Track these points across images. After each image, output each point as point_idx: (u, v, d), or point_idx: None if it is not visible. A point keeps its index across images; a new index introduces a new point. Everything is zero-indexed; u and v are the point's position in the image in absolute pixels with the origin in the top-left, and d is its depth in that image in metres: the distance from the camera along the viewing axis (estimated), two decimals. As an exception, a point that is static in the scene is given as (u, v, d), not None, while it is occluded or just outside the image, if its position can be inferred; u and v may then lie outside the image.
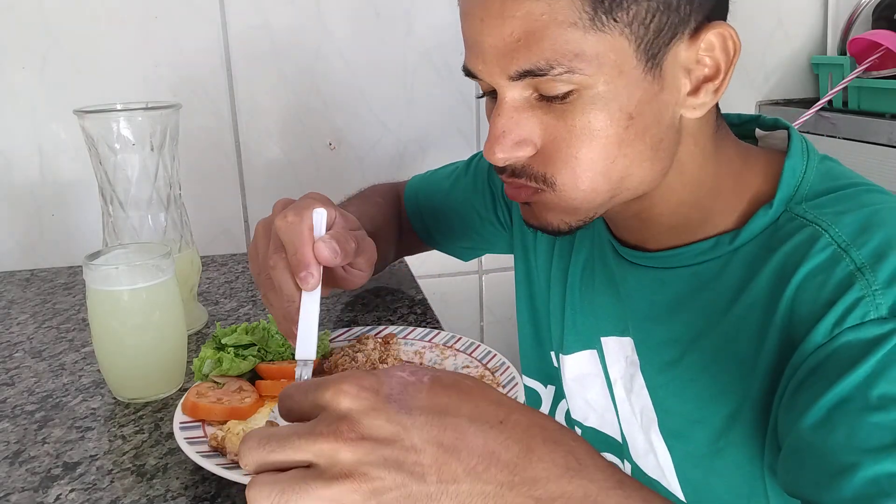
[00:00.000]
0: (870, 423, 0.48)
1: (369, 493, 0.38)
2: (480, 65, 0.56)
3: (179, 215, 0.94)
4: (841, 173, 0.62)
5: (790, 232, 0.58)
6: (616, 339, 0.71)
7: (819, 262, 0.55)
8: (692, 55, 0.56)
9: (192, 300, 0.97)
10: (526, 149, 0.57)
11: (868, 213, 0.56)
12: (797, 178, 0.60)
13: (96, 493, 0.61)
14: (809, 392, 0.52)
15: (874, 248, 0.53)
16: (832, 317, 0.52)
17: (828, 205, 0.58)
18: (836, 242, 0.55)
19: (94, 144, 0.87)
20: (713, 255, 0.62)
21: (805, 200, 0.59)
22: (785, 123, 0.68)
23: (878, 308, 0.51)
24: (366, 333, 0.84)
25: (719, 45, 0.56)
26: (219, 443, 0.62)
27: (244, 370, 0.72)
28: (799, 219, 0.58)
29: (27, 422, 0.73)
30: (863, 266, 0.52)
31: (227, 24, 1.29)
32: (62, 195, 1.29)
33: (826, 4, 1.56)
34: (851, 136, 1.36)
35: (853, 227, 0.55)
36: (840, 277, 0.53)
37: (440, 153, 1.43)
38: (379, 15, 1.34)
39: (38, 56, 1.23)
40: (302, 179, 1.38)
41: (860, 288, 0.52)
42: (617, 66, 0.53)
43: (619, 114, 0.54)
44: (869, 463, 0.47)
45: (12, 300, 1.09)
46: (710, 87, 0.57)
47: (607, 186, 0.57)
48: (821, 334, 0.52)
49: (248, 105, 1.33)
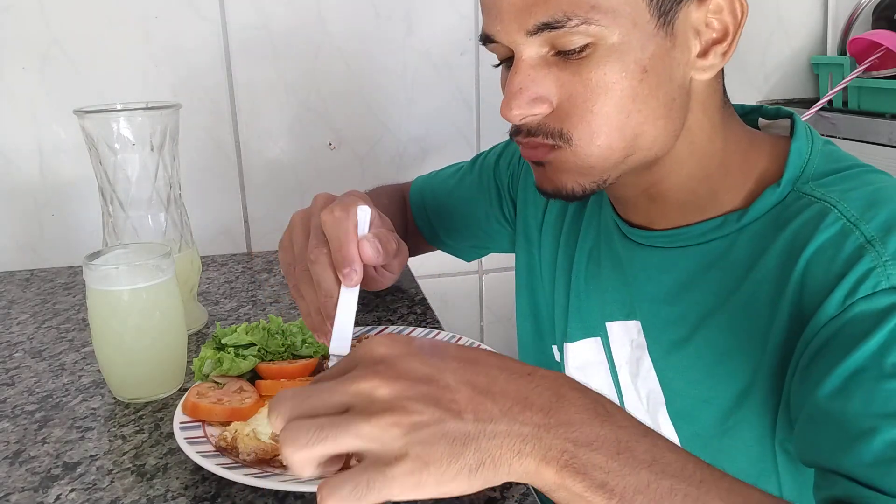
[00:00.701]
0: (886, 390, 0.49)
1: (408, 427, 0.38)
2: (498, 25, 0.58)
3: (179, 215, 0.94)
4: (843, 156, 0.63)
5: (799, 209, 0.59)
6: (621, 324, 0.71)
7: (829, 237, 0.55)
8: (702, 16, 0.58)
9: (192, 300, 0.97)
10: (542, 106, 0.58)
11: (873, 189, 0.57)
12: (803, 160, 0.62)
13: (96, 493, 0.61)
14: (824, 362, 0.52)
15: (883, 221, 0.54)
16: (844, 288, 0.53)
17: (834, 183, 0.59)
18: (844, 217, 0.56)
19: (94, 144, 0.87)
20: (721, 234, 0.63)
21: (812, 180, 0.60)
22: (788, 111, 0.69)
23: (890, 278, 0.52)
24: (366, 333, 0.84)
25: (727, 8, 0.58)
26: (228, 443, 0.62)
27: (244, 370, 0.72)
28: (807, 196, 0.59)
29: (27, 422, 0.73)
30: (872, 239, 0.53)
31: (227, 24, 1.29)
32: (62, 195, 1.29)
33: (826, 4, 1.56)
34: (851, 136, 1.36)
35: (861, 203, 0.56)
36: (850, 250, 0.54)
37: (440, 153, 1.43)
38: (379, 15, 1.34)
39: (38, 56, 1.23)
40: (302, 179, 1.38)
41: (871, 259, 0.53)
42: (631, 19, 0.55)
43: (634, 66, 0.56)
44: (887, 427, 0.47)
45: (12, 300, 1.09)
46: (718, 50, 0.59)
47: (622, 143, 0.58)
48: (833, 306, 0.53)
49: (248, 105, 1.33)
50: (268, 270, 1.22)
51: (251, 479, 0.57)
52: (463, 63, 1.39)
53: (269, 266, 1.24)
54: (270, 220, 1.39)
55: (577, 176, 0.61)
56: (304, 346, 0.77)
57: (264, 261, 1.28)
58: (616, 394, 0.73)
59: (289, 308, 1.03)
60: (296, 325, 0.78)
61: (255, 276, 1.19)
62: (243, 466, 0.59)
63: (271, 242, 1.39)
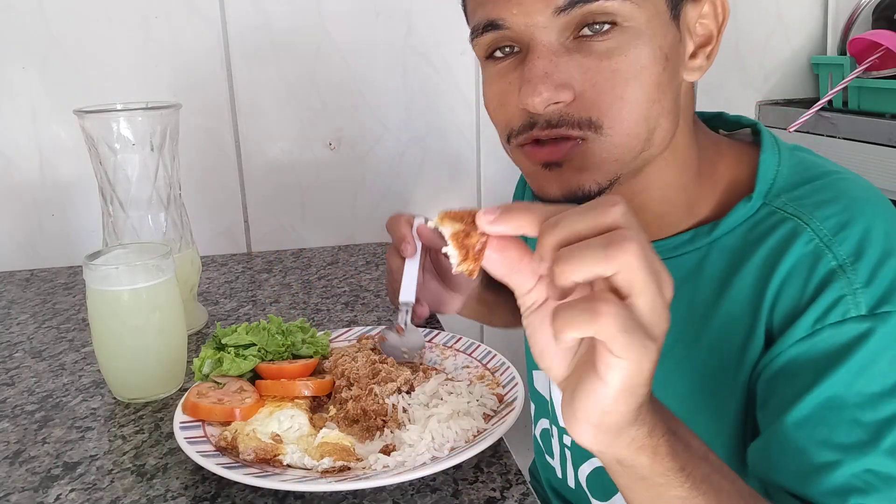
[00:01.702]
0: (849, 421, 0.51)
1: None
2: (515, 7, 0.55)
3: (179, 215, 0.94)
4: (813, 163, 0.63)
5: (772, 225, 0.59)
6: None
7: (801, 257, 0.56)
8: (694, 17, 0.59)
9: (192, 300, 0.97)
10: (566, 93, 0.56)
11: (846, 203, 0.57)
12: (773, 171, 0.62)
13: (96, 493, 0.61)
14: (790, 387, 0.54)
15: (855, 243, 0.55)
16: (813, 313, 0.54)
17: (806, 196, 0.59)
18: (818, 236, 0.56)
19: (94, 144, 0.87)
20: (692, 247, 0.63)
21: (784, 192, 0.60)
22: (749, 120, 0.69)
23: (858, 306, 0.53)
24: (366, 333, 0.84)
25: (712, 12, 0.59)
26: (228, 443, 0.62)
27: (244, 370, 0.72)
28: (779, 212, 0.59)
29: (27, 422, 0.73)
30: (844, 263, 0.54)
31: (227, 24, 1.29)
32: (62, 195, 1.29)
33: (826, 4, 1.56)
34: (851, 136, 1.36)
35: (833, 221, 0.56)
36: (822, 274, 0.54)
37: (440, 153, 1.43)
38: (379, 15, 1.34)
39: (38, 56, 1.23)
40: (302, 179, 1.38)
41: (841, 286, 0.53)
42: (655, 5, 0.55)
43: (659, 52, 0.56)
44: (849, 460, 0.50)
45: (12, 300, 1.09)
46: (703, 52, 0.60)
47: (646, 134, 0.58)
48: (802, 329, 0.54)
49: (248, 105, 1.33)
50: (268, 270, 1.22)
51: (251, 478, 0.57)
52: (463, 63, 1.38)
53: (269, 266, 1.24)
54: (270, 220, 1.39)
55: (597, 173, 0.58)
56: (304, 346, 0.77)
57: (264, 261, 1.28)
58: None
59: (289, 308, 1.03)
60: (296, 325, 0.78)
61: (255, 276, 1.19)
62: (243, 466, 0.59)
63: (271, 242, 1.39)
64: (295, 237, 1.40)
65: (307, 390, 0.70)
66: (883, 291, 0.53)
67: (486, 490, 0.60)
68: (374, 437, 0.65)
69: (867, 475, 0.50)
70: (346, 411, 0.67)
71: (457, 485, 0.61)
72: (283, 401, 0.68)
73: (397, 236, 0.80)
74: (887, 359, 0.52)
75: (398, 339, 0.79)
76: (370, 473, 0.58)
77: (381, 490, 0.60)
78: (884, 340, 0.52)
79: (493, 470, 0.63)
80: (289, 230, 1.40)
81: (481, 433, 0.63)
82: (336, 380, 0.72)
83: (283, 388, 0.69)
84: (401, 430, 0.64)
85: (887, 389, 0.52)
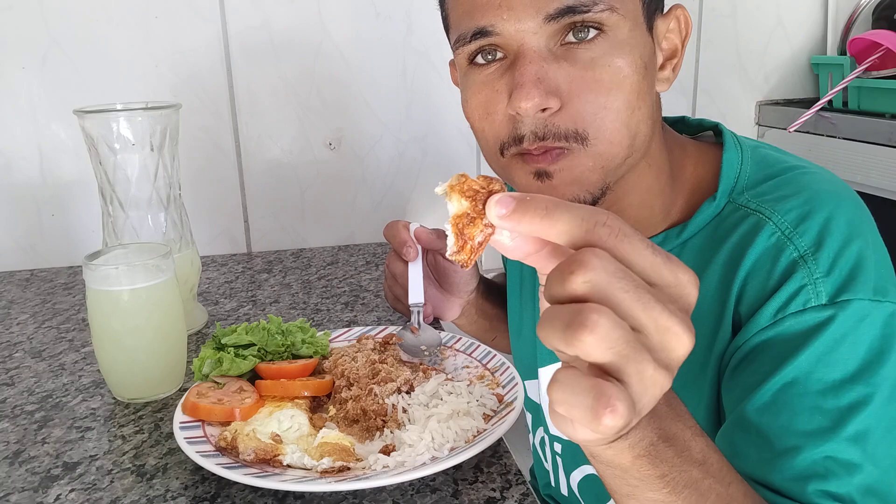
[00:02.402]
0: (811, 408, 0.52)
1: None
2: (505, 14, 0.56)
3: (179, 215, 0.94)
4: (776, 159, 0.64)
5: (736, 222, 0.60)
6: None
7: (764, 250, 0.57)
8: (663, 31, 0.61)
9: (192, 300, 0.97)
10: (555, 99, 0.57)
11: (808, 196, 0.59)
12: (735, 170, 0.63)
13: (96, 493, 0.61)
14: (753, 373, 0.55)
15: (815, 234, 0.56)
16: (775, 302, 0.55)
17: (769, 191, 0.61)
18: (780, 230, 0.57)
19: (94, 144, 0.87)
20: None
21: (747, 189, 0.62)
22: (711, 122, 0.70)
23: (819, 296, 0.54)
24: (366, 333, 0.84)
25: (676, 28, 0.61)
26: (228, 443, 0.62)
27: (244, 370, 0.72)
28: (743, 209, 0.61)
29: (27, 422, 0.73)
30: (805, 254, 0.55)
31: (226, 24, 1.29)
32: (62, 195, 1.29)
33: (826, 4, 1.56)
34: (851, 136, 1.36)
35: (795, 214, 0.57)
36: (784, 265, 0.56)
37: (440, 153, 1.43)
38: (379, 15, 1.34)
39: (38, 56, 1.23)
40: (302, 179, 1.38)
41: (802, 276, 0.55)
42: (634, 17, 0.57)
43: (640, 61, 0.57)
44: (810, 446, 0.51)
45: (12, 300, 1.09)
46: (671, 65, 0.62)
47: (628, 141, 0.59)
48: (765, 318, 0.55)
49: (248, 105, 1.33)
50: (268, 270, 1.22)
51: (251, 478, 0.57)
52: (463, 63, 1.38)
53: (269, 266, 1.24)
54: (270, 220, 1.39)
55: (586, 184, 0.60)
56: (304, 346, 0.77)
57: (264, 261, 1.28)
58: None
59: (289, 308, 1.03)
60: (296, 325, 0.78)
61: (255, 276, 1.19)
62: (243, 466, 0.59)
63: (271, 242, 1.39)
64: (295, 237, 1.40)
65: (307, 390, 0.70)
66: (842, 280, 0.54)
67: (486, 490, 0.60)
68: (373, 437, 0.65)
69: (828, 462, 0.51)
70: (345, 411, 0.67)
71: (457, 485, 0.61)
72: (283, 401, 0.68)
73: (397, 241, 0.81)
74: (847, 346, 0.53)
75: (414, 338, 0.80)
76: (370, 473, 0.58)
77: (381, 490, 0.60)
78: (843, 328, 0.53)
79: (492, 470, 0.63)
80: (289, 230, 1.40)
81: (481, 433, 0.63)
82: (336, 380, 0.72)
83: (283, 388, 0.70)
84: (401, 430, 0.64)
85: (848, 376, 0.53)
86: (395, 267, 0.84)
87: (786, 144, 1.43)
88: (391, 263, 0.85)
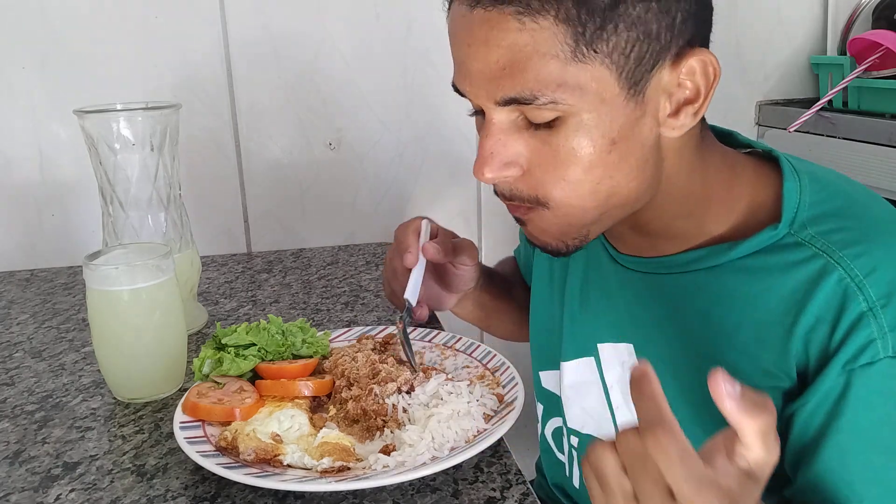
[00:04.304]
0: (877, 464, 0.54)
1: None
2: (468, 86, 0.58)
3: (179, 215, 0.94)
4: (835, 190, 0.63)
5: (799, 259, 0.59)
6: (612, 346, 0.72)
7: (831, 296, 0.56)
8: (674, 79, 0.57)
9: (192, 300, 0.97)
10: (513, 169, 0.58)
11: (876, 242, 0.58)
12: (795, 201, 0.61)
13: (96, 493, 0.61)
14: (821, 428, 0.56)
15: (886, 284, 0.55)
16: (844, 355, 0.55)
17: (834, 231, 0.59)
18: (849, 276, 0.56)
19: (94, 144, 0.87)
20: (709, 264, 0.63)
21: (809, 225, 0.60)
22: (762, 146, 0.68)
23: (886, 348, 0.54)
24: (366, 333, 0.84)
25: (700, 70, 0.57)
26: (228, 443, 0.62)
27: (244, 370, 0.72)
28: (808, 246, 0.59)
29: (27, 422, 0.73)
30: (874, 306, 0.55)
31: (227, 25, 1.29)
32: (62, 195, 1.29)
33: (826, 4, 1.56)
34: (851, 136, 1.36)
35: (864, 262, 0.56)
36: (853, 317, 0.55)
37: (440, 153, 1.43)
38: (379, 15, 1.34)
39: (38, 56, 1.23)
40: (302, 179, 1.38)
41: (872, 329, 0.54)
42: (599, 95, 0.54)
43: (602, 140, 0.56)
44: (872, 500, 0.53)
45: (12, 300, 1.09)
46: (689, 110, 0.58)
47: (595, 203, 0.59)
48: (834, 371, 0.55)
49: (248, 105, 1.33)
50: (268, 270, 1.22)
51: (251, 478, 0.57)
52: (463, 63, 1.38)
53: (269, 266, 1.24)
54: (270, 220, 1.39)
55: (559, 235, 0.62)
56: (304, 346, 0.77)
57: (264, 261, 1.28)
58: (609, 413, 0.73)
59: (289, 308, 1.03)
60: (296, 325, 0.78)
61: (255, 276, 1.19)
62: (243, 466, 0.59)
63: (271, 242, 1.39)
64: (295, 237, 1.40)
65: (307, 390, 0.70)
66: None
67: (486, 490, 0.60)
68: (374, 437, 0.65)
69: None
70: (346, 411, 0.68)
71: (457, 485, 0.61)
72: (283, 401, 0.68)
73: (403, 245, 0.83)
74: None
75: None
76: (370, 473, 0.58)
77: (381, 490, 0.60)
78: None
79: (493, 470, 0.63)
80: (289, 230, 1.40)
81: (481, 433, 0.63)
82: (336, 380, 0.72)
83: (283, 388, 0.70)
84: (401, 430, 0.64)
85: None
86: (396, 263, 0.85)
87: (786, 144, 1.43)
88: (393, 259, 0.86)
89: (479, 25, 0.54)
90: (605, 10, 0.52)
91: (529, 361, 0.87)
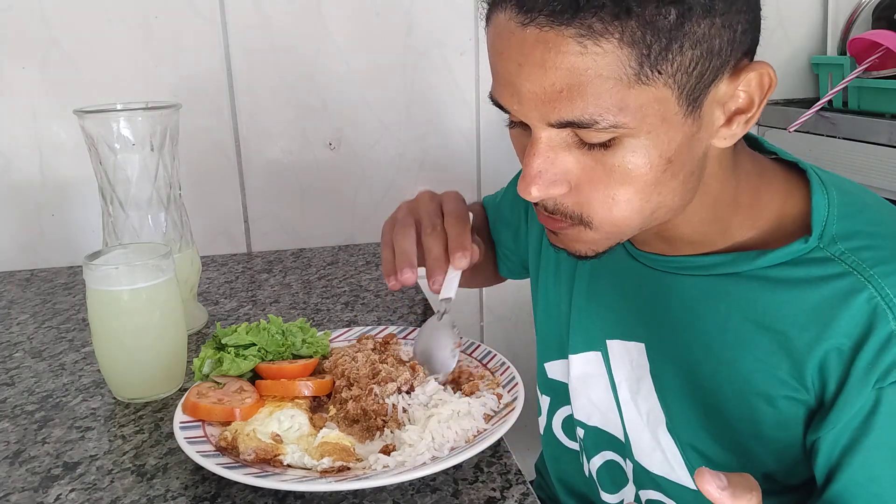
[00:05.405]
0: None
1: None
2: (516, 105, 0.55)
3: (179, 215, 0.94)
4: (861, 203, 0.62)
5: (828, 275, 0.58)
6: (621, 343, 0.71)
7: (859, 314, 0.56)
8: (730, 91, 0.55)
9: (192, 300, 0.97)
10: (561, 187, 0.56)
11: None
12: (823, 215, 0.61)
13: (96, 493, 0.61)
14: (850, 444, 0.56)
15: None
16: (874, 375, 0.55)
17: (865, 249, 0.58)
18: (879, 295, 0.56)
19: (94, 144, 0.87)
20: (732, 270, 0.63)
21: (839, 240, 0.59)
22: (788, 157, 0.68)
23: None
24: (366, 333, 0.84)
25: (756, 81, 0.56)
26: (228, 443, 0.62)
27: (244, 370, 0.72)
28: (837, 261, 0.58)
29: (27, 422, 0.73)
30: None
31: (226, 25, 1.29)
32: (62, 195, 1.29)
33: (826, 4, 1.56)
34: (851, 136, 1.36)
35: (894, 283, 0.56)
36: (883, 337, 0.55)
37: (440, 153, 1.43)
38: (379, 15, 1.34)
39: (38, 56, 1.23)
40: (302, 179, 1.38)
41: None
42: (660, 115, 0.53)
43: (659, 160, 0.54)
44: None
45: (12, 300, 1.09)
46: (741, 119, 0.57)
47: (639, 219, 0.58)
48: (866, 390, 0.55)
49: (248, 105, 1.33)
50: (268, 270, 1.22)
51: (251, 478, 0.57)
52: (463, 63, 1.38)
53: (269, 266, 1.24)
54: (270, 220, 1.39)
55: (592, 245, 0.61)
56: (304, 346, 0.77)
57: (264, 261, 1.28)
58: (616, 407, 0.73)
59: (289, 308, 1.03)
60: (296, 325, 0.78)
61: (255, 276, 1.19)
62: (243, 466, 0.59)
63: (271, 242, 1.39)
64: (295, 237, 1.40)
65: (307, 390, 0.70)
66: None
67: (486, 490, 0.60)
68: (374, 437, 0.65)
69: None
70: (346, 411, 0.67)
71: (457, 485, 0.61)
72: (283, 401, 0.68)
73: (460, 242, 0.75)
74: None
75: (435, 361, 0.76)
76: (370, 473, 0.58)
77: (381, 490, 0.60)
78: None
79: (493, 470, 0.63)
80: (289, 230, 1.40)
81: (481, 433, 0.63)
82: (336, 380, 0.72)
83: (283, 388, 0.69)
84: (401, 430, 0.64)
85: None
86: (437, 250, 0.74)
87: (786, 144, 1.42)
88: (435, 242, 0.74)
89: (533, 46, 0.51)
90: (670, 30, 0.49)
91: (528, 360, 0.87)
